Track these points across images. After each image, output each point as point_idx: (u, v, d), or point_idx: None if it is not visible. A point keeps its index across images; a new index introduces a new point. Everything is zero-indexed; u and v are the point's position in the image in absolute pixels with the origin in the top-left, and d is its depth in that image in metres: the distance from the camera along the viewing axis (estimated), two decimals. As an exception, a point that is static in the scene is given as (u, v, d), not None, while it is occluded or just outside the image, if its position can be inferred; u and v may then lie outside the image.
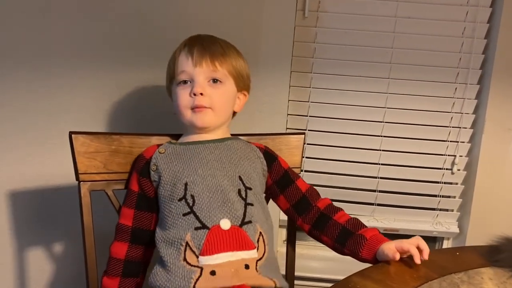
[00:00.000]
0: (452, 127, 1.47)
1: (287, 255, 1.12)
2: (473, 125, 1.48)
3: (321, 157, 1.49)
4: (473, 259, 0.91)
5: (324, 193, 1.48)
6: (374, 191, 1.51)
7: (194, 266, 0.83)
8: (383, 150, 1.49)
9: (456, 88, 1.45)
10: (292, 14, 1.40)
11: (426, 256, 0.86)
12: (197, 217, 0.86)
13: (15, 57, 1.14)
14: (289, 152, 1.09)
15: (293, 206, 1.00)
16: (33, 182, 1.21)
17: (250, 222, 0.89)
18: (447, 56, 1.44)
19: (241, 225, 0.87)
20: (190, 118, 0.94)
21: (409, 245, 0.87)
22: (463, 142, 1.48)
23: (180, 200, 0.88)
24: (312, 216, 0.99)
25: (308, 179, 1.42)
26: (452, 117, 1.47)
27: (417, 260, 0.85)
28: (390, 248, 0.87)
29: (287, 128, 1.48)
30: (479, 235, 1.47)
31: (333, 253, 1.00)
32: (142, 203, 0.93)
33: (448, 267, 0.86)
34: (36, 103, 1.18)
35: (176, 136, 1.03)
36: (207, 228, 0.85)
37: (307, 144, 1.47)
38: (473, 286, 0.80)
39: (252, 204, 0.91)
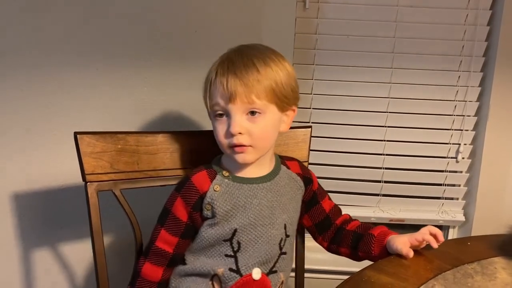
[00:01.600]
0: (456, 115, 1.47)
1: (296, 248, 1.12)
2: (477, 113, 1.47)
3: (325, 149, 1.49)
4: (485, 248, 0.91)
5: (329, 185, 1.49)
6: (379, 181, 1.51)
7: None
8: (387, 141, 1.48)
9: (459, 76, 1.44)
10: (293, 6, 1.38)
11: (441, 238, 0.89)
12: (236, 262, 0.88)
13: (18, 56, 1.13)
14: (296, 146, 1.09)
15: (316, 225, 1.02)
16: (37, 183, 1.20)
17: (276, 271, 0.92)
18: (449, 44, 1.43)
19: (268, 274, 0.91)
20: (231, 155, 0.87)
21: (422, 234, 0.88)
22: (467, 130, 1.48)
23: (225, 241, 0.88)
24: (331, 233, 1.01)
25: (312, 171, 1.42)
26: (456, 105, 1.46)
27: (434, 245, 0.87)
28: (403, 242, 0.88)
29: (290, 121, 1.47)
30: (485, 223, 1.48)
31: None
32: (188, 232, 0.90)
33: (460, 258, 0.86)
34: (39, 102, 1.17)
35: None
36: (240, 275, 0.88)
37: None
38: (487, 276, 0.80)
39: (285, 253, 0.93)
